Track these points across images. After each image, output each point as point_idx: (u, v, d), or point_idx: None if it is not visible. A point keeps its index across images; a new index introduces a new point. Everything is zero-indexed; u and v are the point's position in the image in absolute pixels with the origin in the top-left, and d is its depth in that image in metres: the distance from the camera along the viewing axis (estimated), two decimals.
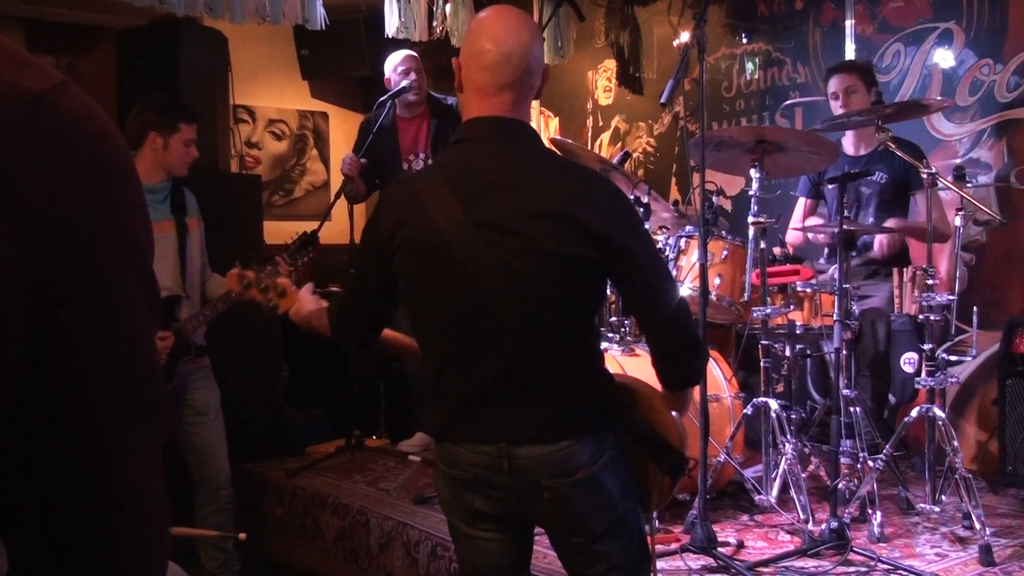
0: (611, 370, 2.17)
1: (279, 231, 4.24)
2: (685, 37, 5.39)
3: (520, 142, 2.04)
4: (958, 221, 3.56)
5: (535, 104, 6.41)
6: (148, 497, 0.80)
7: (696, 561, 3.11)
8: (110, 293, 0.76)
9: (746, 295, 3.61)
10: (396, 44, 5.62)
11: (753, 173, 3.50)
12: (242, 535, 3.66)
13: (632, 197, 3.54)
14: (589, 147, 6.26)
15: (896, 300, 3.65)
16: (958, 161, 4.36)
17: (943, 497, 3.42)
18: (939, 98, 4.34)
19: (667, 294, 2.06)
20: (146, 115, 3.75)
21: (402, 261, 2.03)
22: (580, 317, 2.03)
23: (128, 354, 0.78)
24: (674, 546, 3.21)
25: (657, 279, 2.06)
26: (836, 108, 4.17)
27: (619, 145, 6.26)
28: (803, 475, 3.46)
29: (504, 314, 1.93)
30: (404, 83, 4.85)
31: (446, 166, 2.09)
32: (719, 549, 3.13)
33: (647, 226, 2.08)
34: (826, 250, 4.32)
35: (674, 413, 2.13)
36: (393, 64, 4.85)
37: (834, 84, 4.20)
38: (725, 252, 3.73)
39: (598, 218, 1.93)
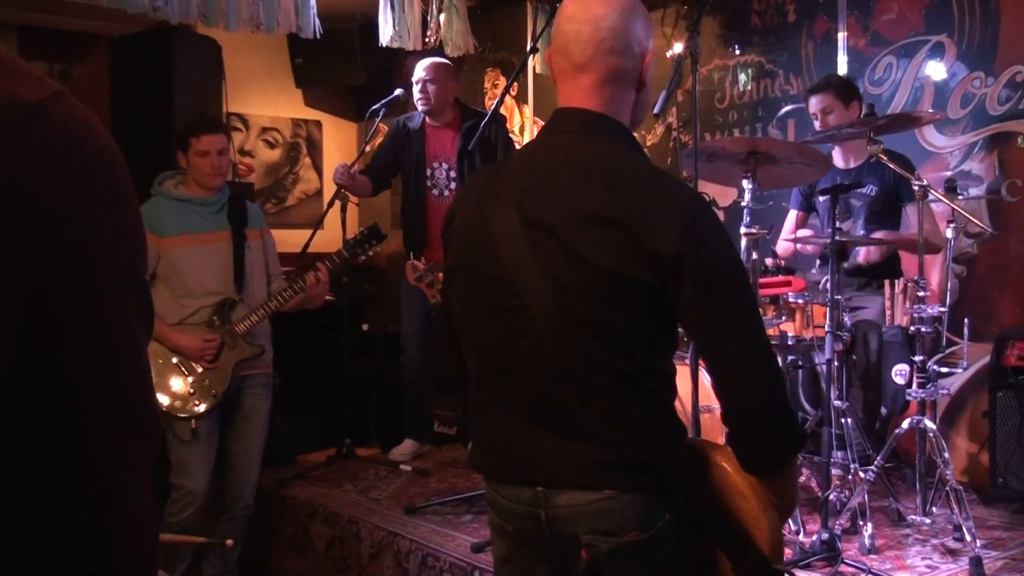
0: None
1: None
2: (678, 48, 5.37)
3: (594, 136, 1.75)
4: (949, 233, 3.57)
5: (527, 113, 6.48)
6: (138, 505, 0.80)
7: None
8: (105, 303, 0.76)
9: None
10: (390, 52, 5.64)
11: (745, 184, 3.51)
12: (229, 541, 3.66)
13: None
14: None
15: (888, 312, 3.66)
16: (949, 173, 4.37)
17: (934, 509, 3.42)
18: (930, 111, 4.36)
19: (738, 348, 1.66)
20: (175, 138, 3.92)
21: (450, 253, 1.85)
22: (636, 352, 1.67)
23: (121, 365, 0.78)
24: None
25: (726, 325, 1.66)
26: (817, 127, 4.20)
27: None
28: (796, 491, 3.46)
29: (543, 329, 1.66)
30: (397, 92, 4.86)
31: (519, 157, 1.89)
32: None
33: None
34: (818, 261, 4.34)
35: (770, 509, 1.71)
36: (414, 75, 4.88)
37: (812, 105, 4.23)
38: None
39: (656, 230, 1.60)
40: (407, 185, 4.99)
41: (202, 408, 3.76)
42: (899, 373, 3.60)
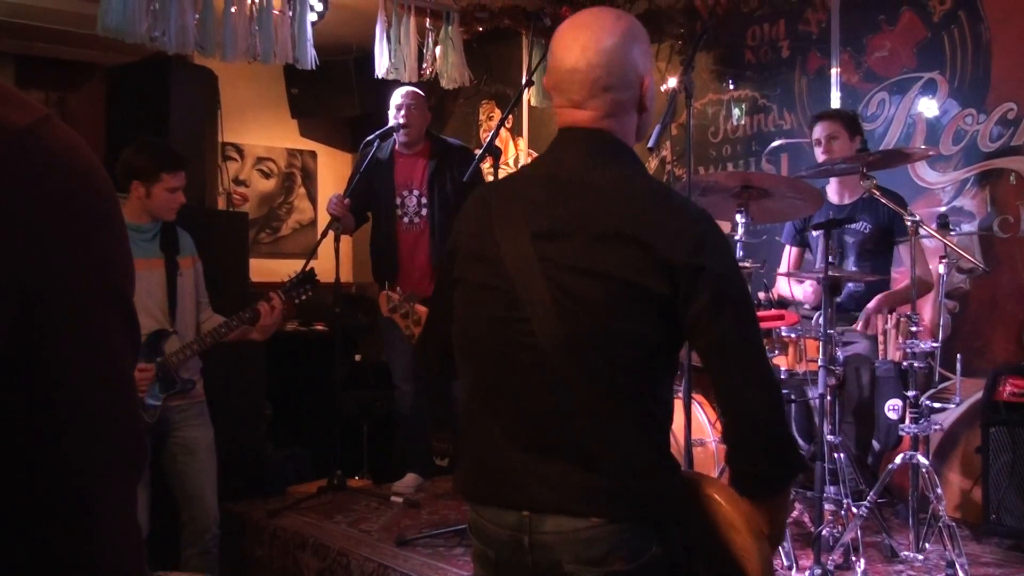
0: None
1: (266, 269, 4.24)
2: (672, 83, 5.42)
3: (600, 154, 1.76)
4: (942, 269, 3.58)
5: (522, 146, 6.51)
6: (123, 530, 0.80)
7: None
8: (92, 327, 0.76)
9: None
10: (385, 84, 5.67)
11: (739, 218, 3.52)
12: None
13: None
14: None
15: (880, 347, 3.65)
16: (942, 209, 4.39)
17: (927, 545, 3.41)
18: (923, 147, 4.38)
19: (745, 358, 1.67)
20: (130, 162, 3.74)
21: (458, 267, 1.83)
22: (639, 366, 1.66)
23: (108, 389, 0.77)
24: None
25: (735, 334, 1.66)
26: (819, 154, 4.22)
27: None
28: (787, 521, 3.44)
29: (545, 340, 1.65)
30: (391, 123, 4.88)
31: (524, 173, 1.92)
32: None
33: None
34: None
35: (762, 541, 1.69)
36: (393, 101, 4.90)
37: (818, 131, 4.25)
38: None
39: (670, 240, 1.63)
40: (377, 214, 5.00)
41: None
42: (892, 408, 3.59)
